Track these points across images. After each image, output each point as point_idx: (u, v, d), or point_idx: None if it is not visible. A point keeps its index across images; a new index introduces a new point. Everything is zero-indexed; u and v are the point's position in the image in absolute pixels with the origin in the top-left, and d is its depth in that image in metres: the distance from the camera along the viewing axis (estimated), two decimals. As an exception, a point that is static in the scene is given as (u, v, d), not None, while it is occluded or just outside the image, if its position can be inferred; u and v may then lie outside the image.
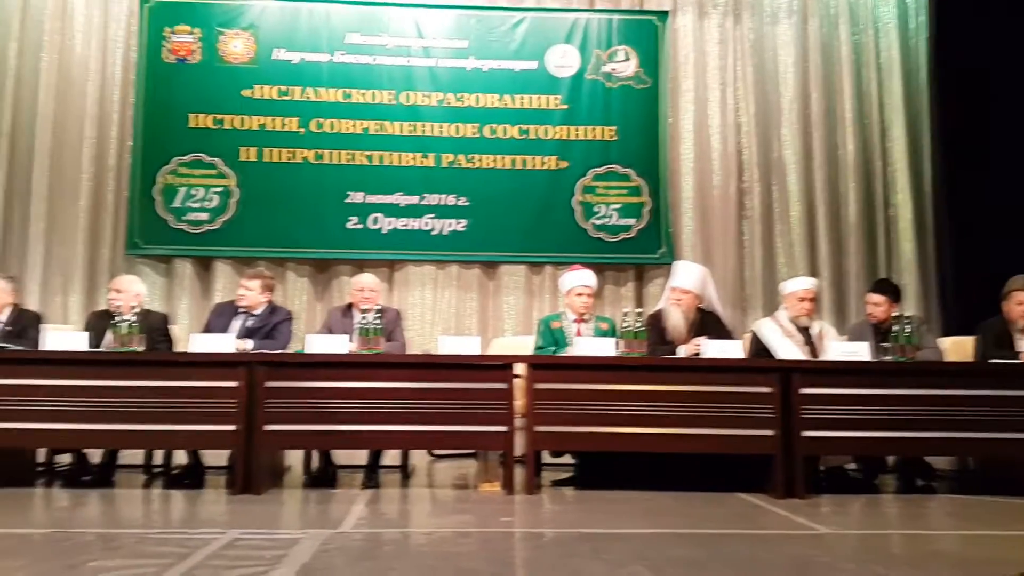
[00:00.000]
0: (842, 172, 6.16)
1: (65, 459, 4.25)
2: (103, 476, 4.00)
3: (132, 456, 4.24)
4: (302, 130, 5.88)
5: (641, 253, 5.94)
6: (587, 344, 3.86)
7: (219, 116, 5.85)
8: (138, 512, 3.41)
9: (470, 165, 5.91)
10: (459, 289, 5.89)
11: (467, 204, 5.87)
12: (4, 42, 5.81)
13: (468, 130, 5.93)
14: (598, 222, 5.94)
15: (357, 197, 5.85)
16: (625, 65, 6.07)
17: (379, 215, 5.85)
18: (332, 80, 5.93)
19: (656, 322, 4.25)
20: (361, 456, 4.14)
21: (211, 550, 2.59)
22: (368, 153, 5.90)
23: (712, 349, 3.82)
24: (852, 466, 4.21)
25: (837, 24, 6.28)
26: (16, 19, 5.83)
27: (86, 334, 3.96)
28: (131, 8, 5.92)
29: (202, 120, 5.84)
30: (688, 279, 4.33)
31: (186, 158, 5.80)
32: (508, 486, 3.66)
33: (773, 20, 6.29)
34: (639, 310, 4.05)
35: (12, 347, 3.98)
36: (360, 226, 5.83)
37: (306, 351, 3.84)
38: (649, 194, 5.97)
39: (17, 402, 3.57)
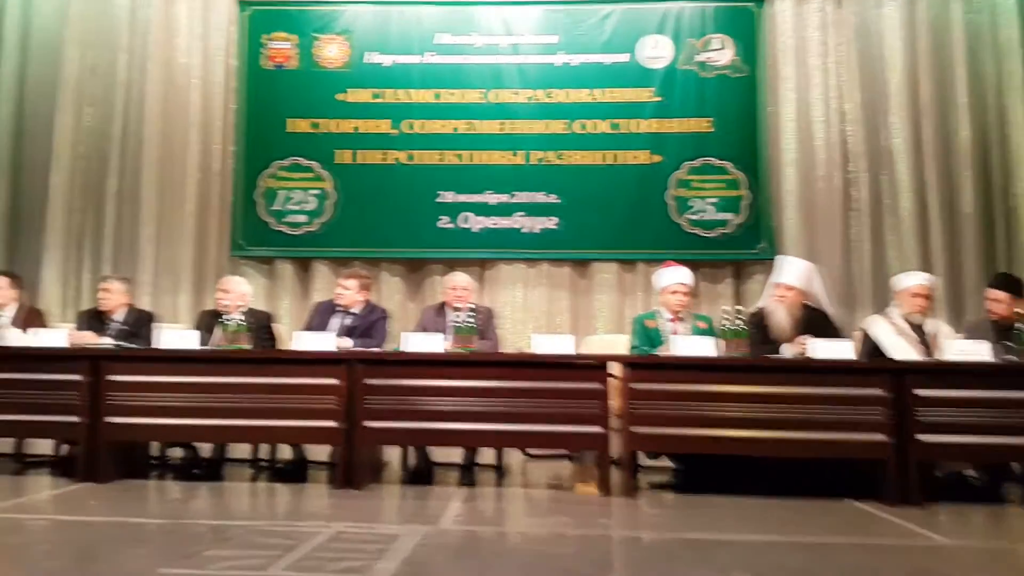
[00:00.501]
0: (956, 160, 5.79)
1: (177, 452, 4.46)
2: (213, 469, 4.16)
3: (240, 450, 4.41)
4: (394, 131, 5.97)
5: (739, 249, 5.74)
6: (686, 343, 3.75)
7: (315, 120, 6.00)
8: (246, 504, 3.52)
9: (560, 162, 5.86)
10: (550, 288, 5.85)
11: (557, 202, 5.82)
12: (114, 54, 6.12)
13: (558, 126, 5.88)
14: (693, 217, 5.79)
15: (448, 197, 5.89)
16: (720, 54, 5.89)
17: (469, 214, 5.87)
18: (423, 81, 5.99)
19: (759, 320, 4.10)
20: (456, 454, 4.17)
21: (316, 542, 2.65)
22: (458, 152, 5.93)
23: (820, 349, 3.65)
24: (972, 473, 3.96)
25: (948, 4, 5.91)
26: (125, 32, 6.13)
27: (197, 332, 4.12)
28: (230, 17, 6.14)
29: (299, 125, 6.01)
30: (793, 275, 4.17)
31: (285, 162, 5.97)
32: (604, 488, 3.60)
33: (878, 2, 5.97)
34: (739, 308, 3.92)
35: (128, 345, 4.19)
36: (451, 225, 5.87)
37: (402, 349, 3.89)
38: (748, 187, 5.77)
39: (133, 398, 3.76)
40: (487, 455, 4.32)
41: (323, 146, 5.97)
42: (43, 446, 4.55)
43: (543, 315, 5.79)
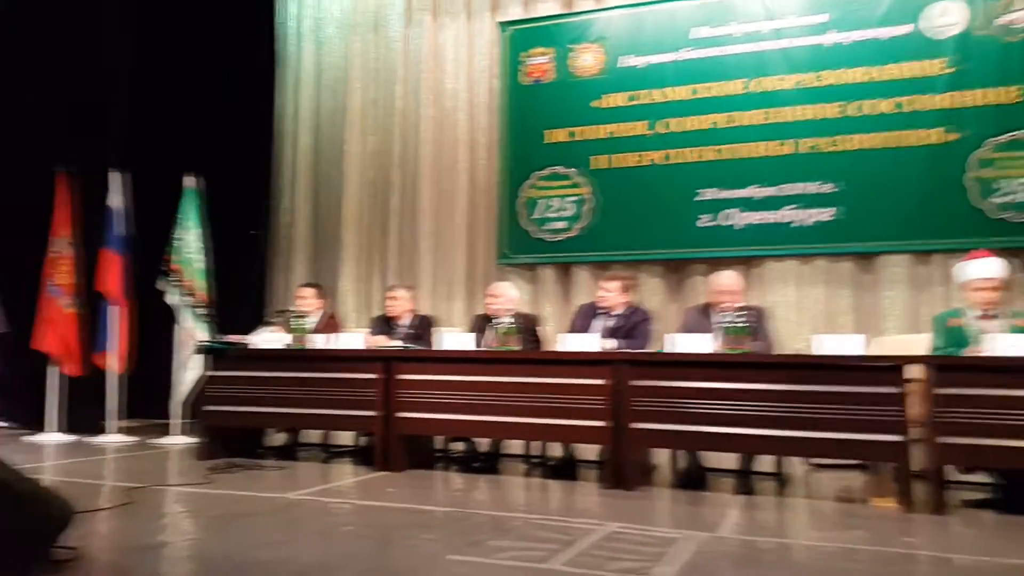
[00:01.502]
0: None
1: (459, 446, 4.74)
2: (490, 463, 4.37)
3: (514, 446, 4.59)
4: (650, 132, 5.88)
5: (1063, 234, 4.87)
6: (1005, 343, 3.23)
7: (572, 129, 6.10)
8: (522, 498, 3.64)
9: (835, 148, 5.37)
10: (828, 284, 5.38)
11: (833, 191, 5.34)
12: (391, 86, 6.74)
13: (831, 110, 5.41)
14: (1000, 200, 4.99)
15: (708, 194, 5.68)
16: (1028, 13, 5.07)
17: (732, 211, 5.61)
18: (678, 78, 5.84)
19: (1100, 314, 3.43)
20: (729, 459, 3.98)
21: (592, 540, 2.64)
22: (718, 148, 5.70)
23: None
24: None
25: None
26: (400, 64, 6.73)
27: (472, 335, 4.36)
28: (492, 39, 6.48)
29: (556, 135, 6.15)
30: None
31: (544, 172, 6.15)
32: (906, 503, 3.21)
33: None
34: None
35: (414, 347, 4.54)
36: (712, 223, 5.65)
37: (667, 350, 3.79)
38: (1071, 162, 4.89)
39: (420, 395, 4.07)
40: (765, 462, 4.06)
41: (579, 153, 6.06)
42: (344, 437, 5.10)
43: (821, 315, 5.34)
